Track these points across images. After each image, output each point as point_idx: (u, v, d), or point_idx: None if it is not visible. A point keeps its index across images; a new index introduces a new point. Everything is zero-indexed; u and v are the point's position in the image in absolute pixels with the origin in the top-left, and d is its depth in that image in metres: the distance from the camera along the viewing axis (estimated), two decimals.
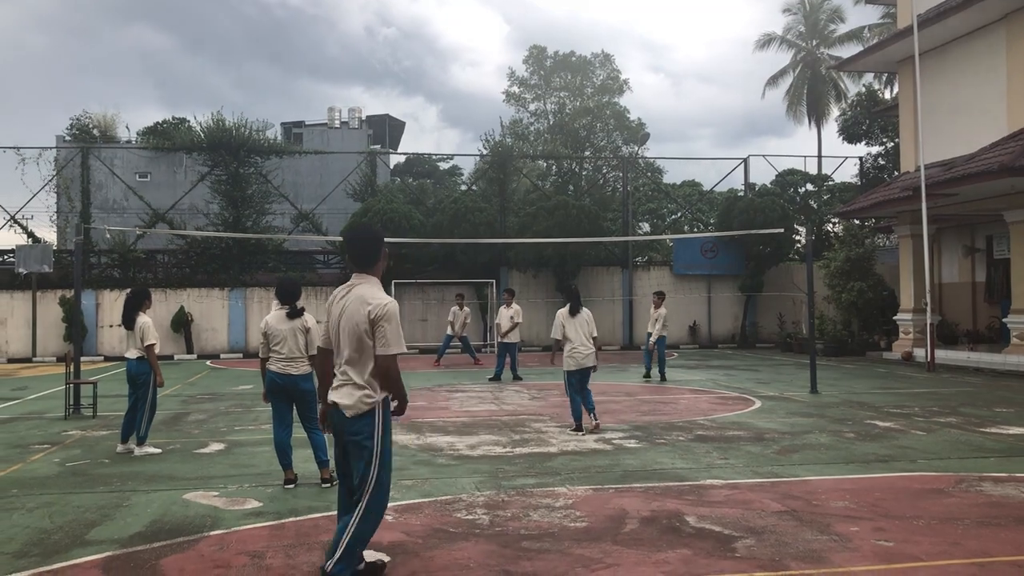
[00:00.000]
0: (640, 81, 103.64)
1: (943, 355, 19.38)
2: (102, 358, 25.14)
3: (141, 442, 9.23)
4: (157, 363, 9.37)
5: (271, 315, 7.76)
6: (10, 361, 25.16)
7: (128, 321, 9.35)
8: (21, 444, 9.90)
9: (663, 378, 16.76)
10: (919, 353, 20.48)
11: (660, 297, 17.30)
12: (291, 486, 7.40)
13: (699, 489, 7.05)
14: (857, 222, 27.15)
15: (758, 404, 12.82)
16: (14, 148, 27.52)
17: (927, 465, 8.00)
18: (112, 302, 25.85)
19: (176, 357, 25.28)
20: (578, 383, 10.42)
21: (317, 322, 7.21)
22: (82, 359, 13.73)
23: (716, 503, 6.55)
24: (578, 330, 10.42)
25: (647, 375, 17.07)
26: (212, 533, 5.89)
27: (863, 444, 9.21)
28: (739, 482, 7.31)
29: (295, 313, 7.69)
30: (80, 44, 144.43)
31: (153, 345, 9.30)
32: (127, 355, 9.42)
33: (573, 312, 10.51)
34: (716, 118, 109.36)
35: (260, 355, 7.74)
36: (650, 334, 16.93)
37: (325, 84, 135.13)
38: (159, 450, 9.28)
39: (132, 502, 6.85)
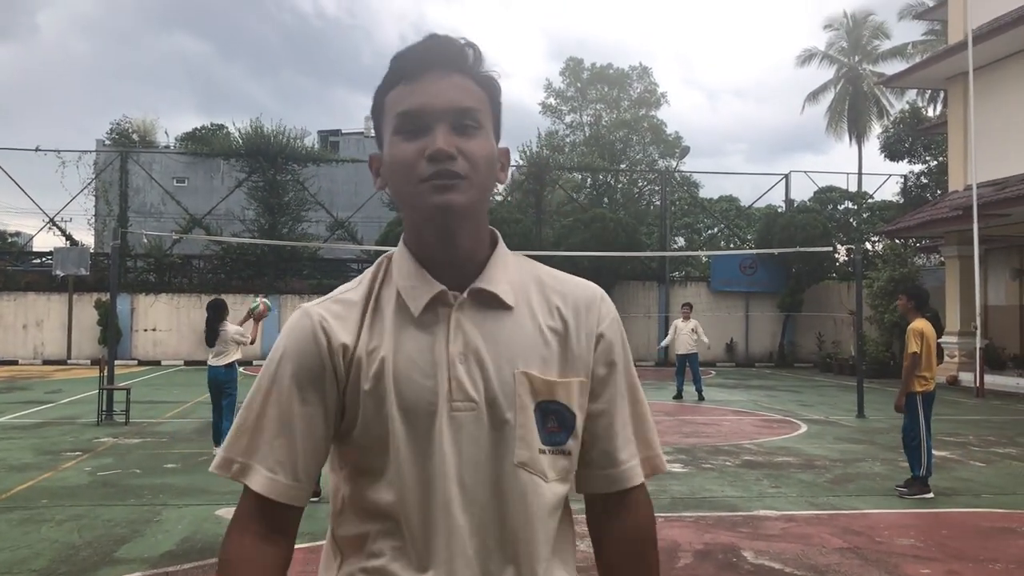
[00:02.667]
0: (675, 95, 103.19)
1: (991, 380, 18.79)
2: (136, 362, 25.17)
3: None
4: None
5: None
6: (45, 363, 25.26)
7: (212, 334, 9.34)
8: (52, 451, 9.75)
9: (701, 397, 16.32)
10: (965, 377, 19.89)
11: (691, 308, 16.93)
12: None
13: (753, 520, 6.71)
14: (900, 241, 26.57)
15: (804, 428, 12.40)
16: (55, 151, 27.71)
17: (993, 500, 7.59)
18: (147, 307, 25.91)
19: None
20: None
21: None
22: (116, 362, 13.63)
23: (773, 537, 6.20)
24: None
25: (679, 395, 16.55)
26: None
27: None
28: (795, 514, 6.95)
29: None
30: (121, 50, 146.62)
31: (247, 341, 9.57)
32: (211, 363, 9.43)
33: None
34: (751, 133, 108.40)
35: None
36: (690, 351, 16.42)
37: (361, 93, 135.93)
38: None
39: (163, 517, 6.63)
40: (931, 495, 7.66)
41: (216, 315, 9.35)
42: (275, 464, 1.27)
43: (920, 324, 7.94)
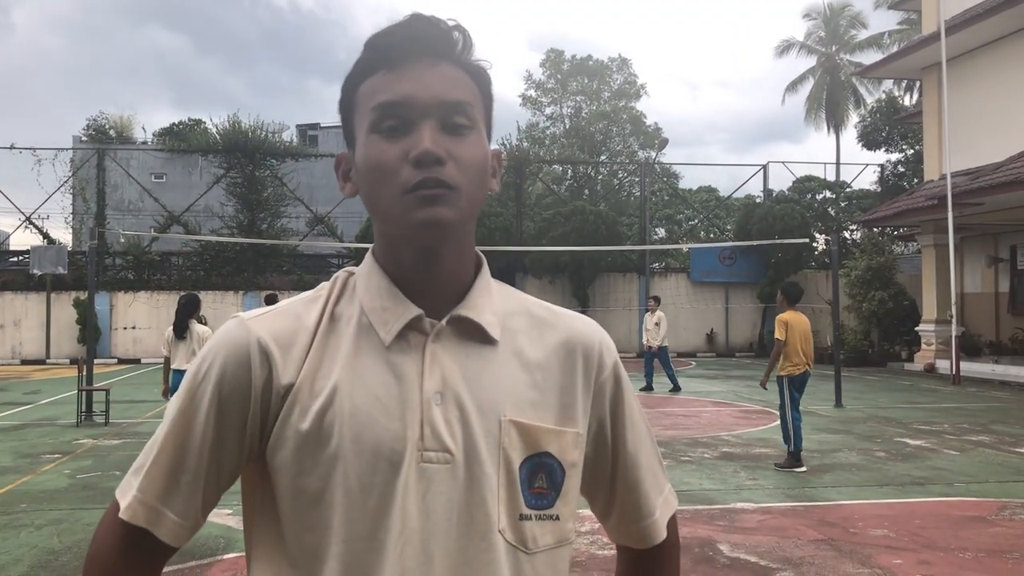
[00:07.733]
0: (655, 86, 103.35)
1: (967, 367, 19.00)
2: (115, 360, 25.05)
3: None
4: None
5: None
6: (23, 363, 25.10)
7: (181, 329, 8.89)
8: (31, 453, 9.72)
9: (676, 387, 16.26)
10: (942, 365, 20.12)
11: (657, 301, 16.80)
12: None
13: (730, 513, 6.79)
14: (877, 230, 26.81)
15: None
16: (30, 149, 27.47)
17: (965, 489, 7.71)
18: (126, 305, 25.79)
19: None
20: None
21: None
22: (96, 361, 13.59)
23: (749, 529, 6.29)
24: None
25: (648, 387, 16.33)
26: (225, 556, 5.66)
27: (895, 464, 8.92)
28: (771, 506, 7.04)
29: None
30: (96, 46, 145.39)
31: None
32: (178, 367, 8.77)
33: None
34: (730, 123, 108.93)
35: None
36: (655, 345, 16.29)
37: (338, 87, 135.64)
38: None
39: None
40: (804, 468, 8.47)
41: (189, 309, 8.92)
42: (168, 498, 1.05)
43: (787, 315, 8.86)
